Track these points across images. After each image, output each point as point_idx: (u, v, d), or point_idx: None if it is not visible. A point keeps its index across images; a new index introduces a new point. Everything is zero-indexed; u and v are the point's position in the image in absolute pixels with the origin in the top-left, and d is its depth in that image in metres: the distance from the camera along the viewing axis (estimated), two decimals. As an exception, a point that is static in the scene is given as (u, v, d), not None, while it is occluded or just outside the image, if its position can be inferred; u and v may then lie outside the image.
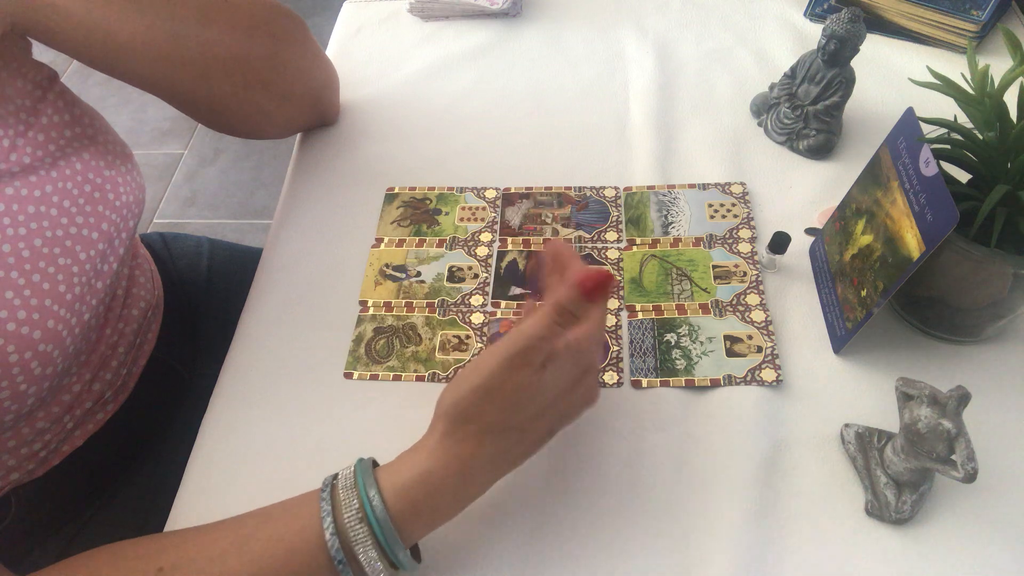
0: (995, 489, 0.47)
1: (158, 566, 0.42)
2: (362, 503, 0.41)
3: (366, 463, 0.44)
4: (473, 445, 0.42)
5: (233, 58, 0.59)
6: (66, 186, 0.53)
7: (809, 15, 0.79)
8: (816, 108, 0.65)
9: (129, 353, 0.65)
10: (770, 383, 0.53)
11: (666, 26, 0.81)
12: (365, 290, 0.62)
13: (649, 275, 0.60)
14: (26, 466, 0.59)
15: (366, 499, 0.41)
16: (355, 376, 0.57)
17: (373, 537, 0.41)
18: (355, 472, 0.43)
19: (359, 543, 0.41)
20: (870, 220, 0.52)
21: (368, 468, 0.43)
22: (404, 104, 0.76)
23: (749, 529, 0.47)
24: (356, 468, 0.43)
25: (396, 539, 0.41)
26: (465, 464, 0.43)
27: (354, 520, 0.41)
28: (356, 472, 0.43)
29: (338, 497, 0.42)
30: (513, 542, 0.48)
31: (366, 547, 0.41)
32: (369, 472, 0.43)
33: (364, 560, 0.41)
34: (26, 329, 0.48)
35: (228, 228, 1.80)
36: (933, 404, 0.43)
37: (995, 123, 0.47)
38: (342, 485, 0.42)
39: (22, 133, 0.51)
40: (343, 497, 0.42)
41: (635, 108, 0.73)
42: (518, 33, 0.83)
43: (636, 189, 0.66)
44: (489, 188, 0.68)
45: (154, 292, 0.70)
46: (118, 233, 0.57)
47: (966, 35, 0.72)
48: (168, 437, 0.70)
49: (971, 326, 0.53)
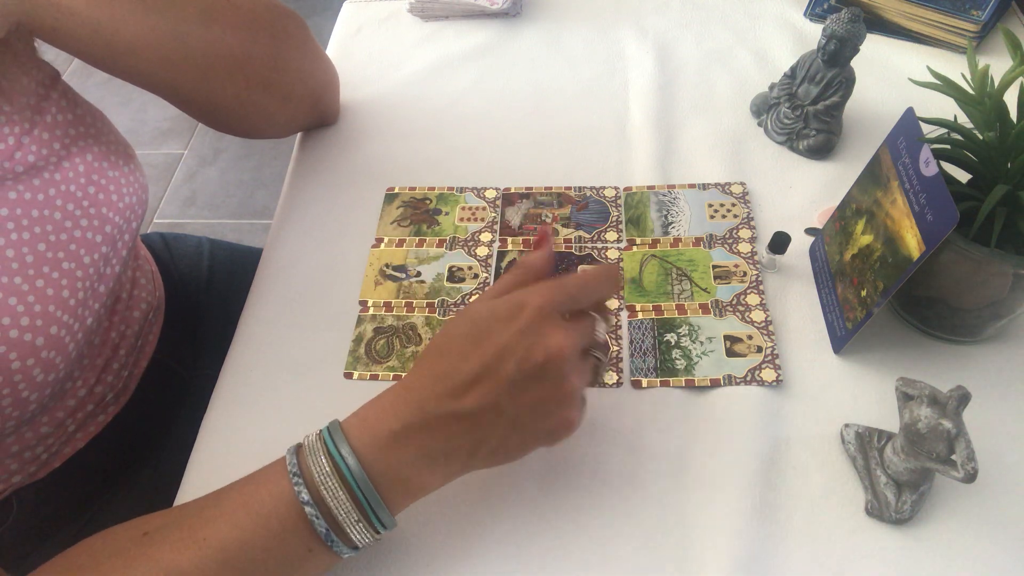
0: (995, 489, 0.47)
1: (143, 531, 0.42)
2: (332, 457, 0.41)
3: (333, 423, 0.43)
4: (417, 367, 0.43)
5: (235, 58, 0.59)
6: (70, 188, 0.53)
7: (809, 15, 0.79)
8: (816, 108, 0.65)
9: (130, 355, 0.65)
10: (770, 383, 0.53)
11: (666, 26, 0.81)
12: (365, 290, 0.62)
13: (649, 275, 0.60)
14: (28, 468, 0.59)
15: (336, 454, 0.41)
16: (355, 376, 0.57)
17: (343, 484, 0.40)
18: (319, 434, 0.43)
19: (330, 495, 0.40)
20: (870, 220, 0.52)
21: (336, 425, 0.43)
22: (404, 104, 0.77)
23: (749, 529, 0.47)
24: (323, 431, 0.43)
25: (375, 495, 0.41)
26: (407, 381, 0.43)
27: (325, 475, 0.40)
28: (322, 432, 0.43)
29: (305, 456, 0.42)
30: (511, 542, 0.48)
31: (337, 499, 0.40)
32: (337, 428, 0.43)
33: (336, 509, 0.40)
34: (29, 336, 0.48)
35: (228, 228, 1.80)
36: (933, 404, 0.43)
37: (995, 123, 0.47)
38: (308, 447, 0.42)
39: (27, 131, 0.51)
40: (311, 460, 0.41)
41: (635, 108, 0.73)
42: (518, 33, 0.83)
43: (636, 189, 0.66)
44: (489, 188, 0.68)
45: (155, 293, 0.70)
46: (121, 235, 0.57)
47: (966, 35, 0.72)
48: (169, 438, 0.70)
49: (971, 326, 0.53)
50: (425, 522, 0.48)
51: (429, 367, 0.43)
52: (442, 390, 0.42)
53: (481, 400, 0.41)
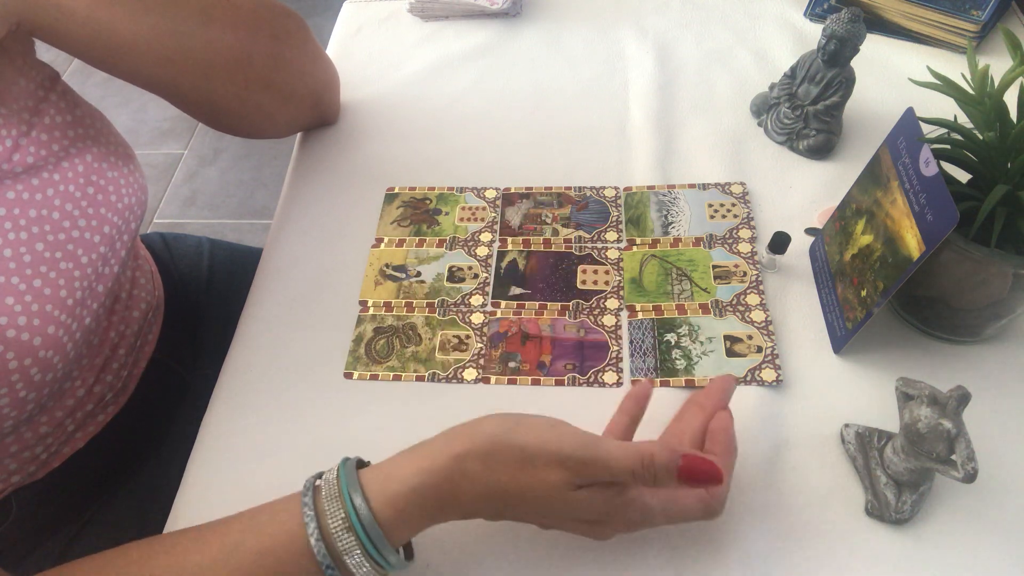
0: (995, 489, 0.47)
1: (149, 574, 0.41)
2: (347, 512, 0.40)
3: (350, 464, 0.42)
4: (476, 486, 0.41)
5: (236, 57, 0.59)
6: (68, 188, 0.53)
7: (809, 15, 0.79)
8: (816, 108, 0.65)
9: (130, 355, 0.65)
10: (770, 383, 0.53)
11: (666, 26, 0.81)
12: (365, 290, 0.62)
13: (649, 275, 0.60)
14: (27, 468, 0.59)
15: (351, 507, 0.40)
16: (355, 376, 0.57)
17: (360, 544, 0.40)
18: (338, 477, 0.41)
19: (347, 552, 0.40)
20: (870, 220, 0.52)
21: (352, 471, 0.42)
22: (404, 104, 0.77)
23: (749, 529, 0.47)
24: (340, 472, 0.42)
25: (385, 543, 0.40)
26: (462, 494, 0.41)
27: (340, 529, 0.40)
28: (340, 477, 0.41)
29: (321, 505, 0.41)
30: (510, 542, 0.48)
31: (353, 554, 0.40)
32: (353, 475, 0.41)
33: (352, 565, 0.40)
34: (26, 336, 0.48)
35: (228, 228, 1.80)
36: (933, 404, 0.43)
37: (995, 123, 0.47)
38: (326, 494, 0.41)
39: (25, 133, 0.51)
40: (327, 507, 0.40)
41: (635, 108, 0.73)
42: (518, 33, 0.83)
43: (636, 189, 0.66)
44: (489, 188, 0.68)
45: (155, 293, 0.70)
46: (120, 235, 0.57)
47: (966, 35, 0.72)
48: (168, 437, 0.70)
49: (971, 326, 0.53)
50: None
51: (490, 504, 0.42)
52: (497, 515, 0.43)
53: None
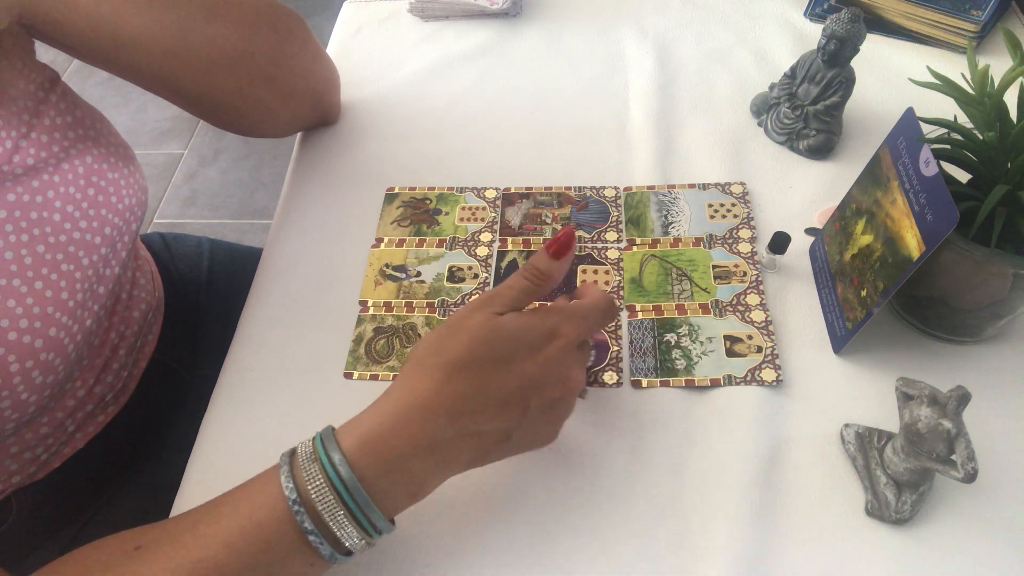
0: (995, 489, 0.47)
1: (136, 545, 0.40)
2: (324, 469, 0.39)
3: (327, 429, 0.42)
4: (433, 379, 0.41)
5: (238, 54, 0.59)
6: (68, 190, 0.53)
7: (809, 15, 0.79)
8: (816, 108, 0.65)
9: (130, 355, 0.65)
10: (770, 383, 0.53)
11: (666, 26, 0.81)
12: (365, 290, 0.62)
13: (649, 275, 0.60)
14: (27, 469, 0.59)
15: (327, 464, 0.39)
16: (355, 376, 0.57)
17: (343, 503, 0.39)
18: (314, 440, 0.41)
19: (329, 513, 0.39)
20: (870, 220, 0.52)
21: (328, 433, 0.41)
22: (404, 104, 0.77)
23: (749, 529, 0.47)
24: (316, 436, 0.41)
25: (367, 501, 0.39)
26: (425, 399, 0.41)
27: (321, 489, 0.39)
28: (315, 439, 0.41)
29: (298, 467, 0.40)
30: (510, 542, 0.48)
31: (336, 515, 0.39)
32: (329, 434, 0.41)
33: (336, 526, 0.39)
34: (28, 338, 0.48)
35: (228, 228, 1.80)
36: (933, 404, 0.43)
37: (995, 123, 0.47)
38: (301, 456, 0.40)
39: (25, 135, 0.51)
40: (304, 468, 0.40)
41: (635, 108, 0.73)
42: (518, 33, 0.83)
43: (636, 189, 0.66)
44: (489, 188, 0.68)
45: (155, 293, 0.70)
46: (120, 236, 0.57)
47: (966, 35, 0.72)
48: (168, 438, 0.70)
49: (971, 326, 0.53)
50: (424, 522, 0.48)
51: (448, 382, 0.41)
52: (460, 410, 0.41)
53: (497, 426, 0.42)
